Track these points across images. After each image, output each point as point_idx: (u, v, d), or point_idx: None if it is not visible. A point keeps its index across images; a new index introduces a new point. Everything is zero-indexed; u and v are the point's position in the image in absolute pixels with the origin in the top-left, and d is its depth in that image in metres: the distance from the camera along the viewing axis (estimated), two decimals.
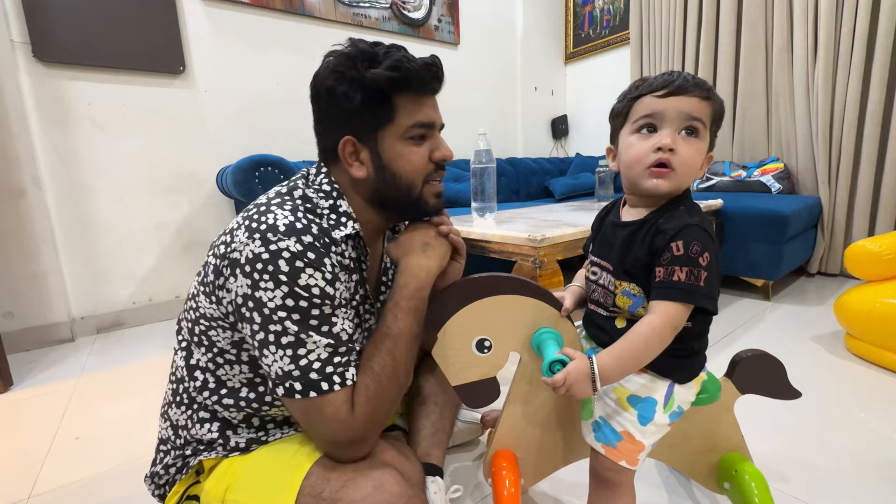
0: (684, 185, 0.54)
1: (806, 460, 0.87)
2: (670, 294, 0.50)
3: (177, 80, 1.92)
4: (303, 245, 0.52)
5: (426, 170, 0.61)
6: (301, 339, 0.51)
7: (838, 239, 2.09)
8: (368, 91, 0.56)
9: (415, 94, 0.58)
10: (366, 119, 0.58)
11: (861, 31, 1.89)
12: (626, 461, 0.58)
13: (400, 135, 0.59)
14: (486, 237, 1.23)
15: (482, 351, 0.63)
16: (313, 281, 0.51)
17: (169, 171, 1.95)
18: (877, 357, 1.23)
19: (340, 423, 0.52)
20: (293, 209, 0.55)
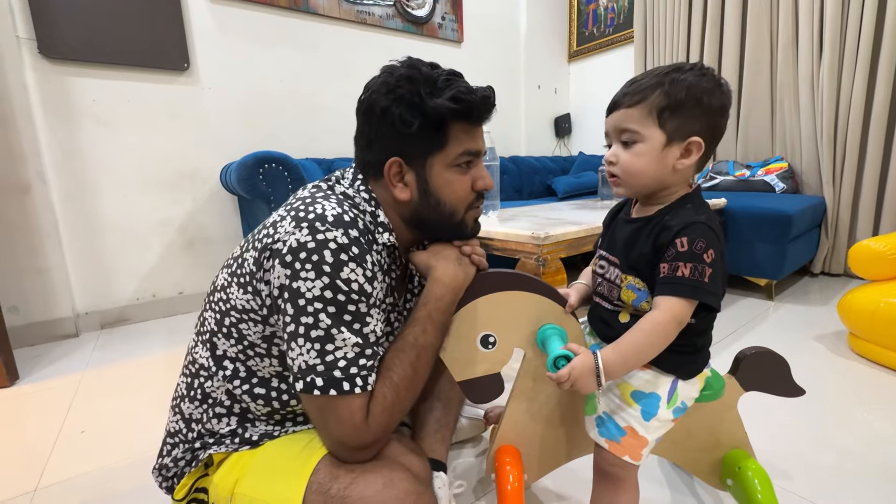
0: (639, 186, 0.57)
1: (809, 458, 0.87)
2: (674, 289, 0.51)
3: (181, 76, 1.93)
4: (349, 238, 0.52)
5: (469, 198, 0.63)
6: (331, 334, 0.50)
7: (842, 239, 2.09)
8: (428, 119, 0.56)
9: (468, 123, 0.59)
10: (418, 144, 0.59)
11: (867, 30, 1.88)
12: (629, 456, 0.59)
13: (449, 162, 0.60)
14: (489, 235, 1.23)
15: (487, 347, 0.64)
16: (354, 276, 0.52)
17: (173, 168, 1.96)
18: (880, 357, 1.23)
19: (353, 429, 0.51)
20: (339, 202, 0.56)
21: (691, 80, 0.53)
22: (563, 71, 3.48)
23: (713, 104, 0.53)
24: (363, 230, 0.55)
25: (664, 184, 0.57)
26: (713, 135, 0.55)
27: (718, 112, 0.54)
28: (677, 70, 0.55)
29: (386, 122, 0.57)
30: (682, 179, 0.57)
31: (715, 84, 0.54)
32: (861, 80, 1.93)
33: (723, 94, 0.54)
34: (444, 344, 0.63)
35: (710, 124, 0.54)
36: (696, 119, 0.54)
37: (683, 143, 0.54)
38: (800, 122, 2.17)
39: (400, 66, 0.59)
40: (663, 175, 0.56)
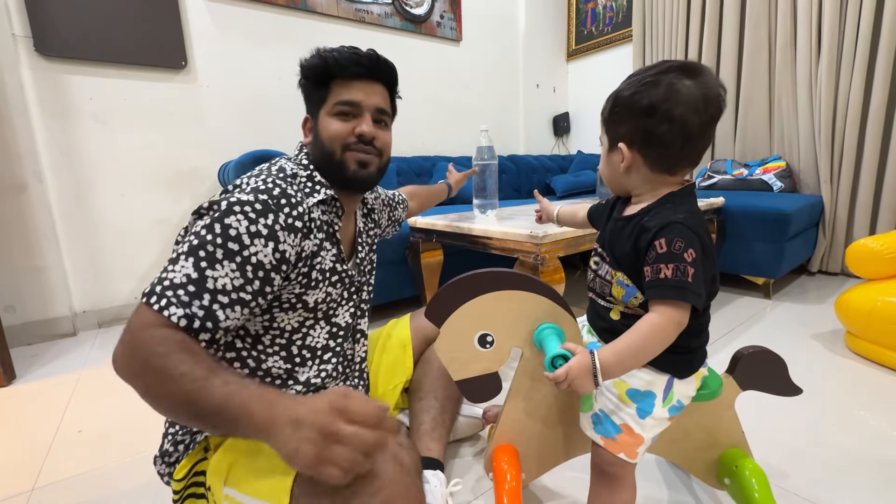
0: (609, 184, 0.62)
1: (806, 456, 0.87)
2: (661, 292, 0.51)
3: (178, 75, 1.92)
4: (254, 196, 0.58)
5: (346, 139, 0.70)
6: (179, 259, 0.54)
7: (839, 238, 2.09)
8: (306, 77, 0.71)
9: (344, 79, 0.69)
10: (311, 101, 0.72)
11: (865, 29, 1.88)
12: (625, 454, 0.59)
13: (328, 111, 0.70)
14: (487, 234, 1.23)
15: (484, 346, 0.63)
16: (237, 224, 0.56)
17: (170, 167, 1.95)
18: (877, 355, 1.23)
19: (127, 334, 0.51)
20: (266, 178, 0.63)
21: (629, 82, 0.55)
22: (562, 70, 3.48)
23: (638, 104, 0.53)
24: (280, 195, 0.61)
25: (622, 185, 0.60)
26: (643, 136, 0.54)
27: (644, 112, 0.52)
28: (632, 75, 0.56)
29: (300, 88, 0.73)
30: (642, 181, 0.57)
31: (644, 84, 0.52)
32: (858, 80, 1.93)
33: (651, 93, 0.52)
34: (442, 343, 0.63)
35: (637, 126, 0.54)
36: (624, 122, 0.55)
37: (618, 148, 0.56)
38: (798, 121, 2.17)
39: None
40: (617, 178, 0.59)
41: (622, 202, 0.63)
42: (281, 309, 0.65)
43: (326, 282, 0.68)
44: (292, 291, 0.64)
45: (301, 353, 0.69)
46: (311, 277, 0.65)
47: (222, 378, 0.48)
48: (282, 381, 0.67)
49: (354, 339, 0.79)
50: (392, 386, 0.89)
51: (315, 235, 0.65)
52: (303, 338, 0.69)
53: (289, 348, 0.68)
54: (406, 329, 0.95)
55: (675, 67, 0.52)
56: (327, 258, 0.68)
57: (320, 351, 0.71)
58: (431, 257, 1.62)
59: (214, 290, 0.54)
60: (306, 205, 0.64)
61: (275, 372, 0.66)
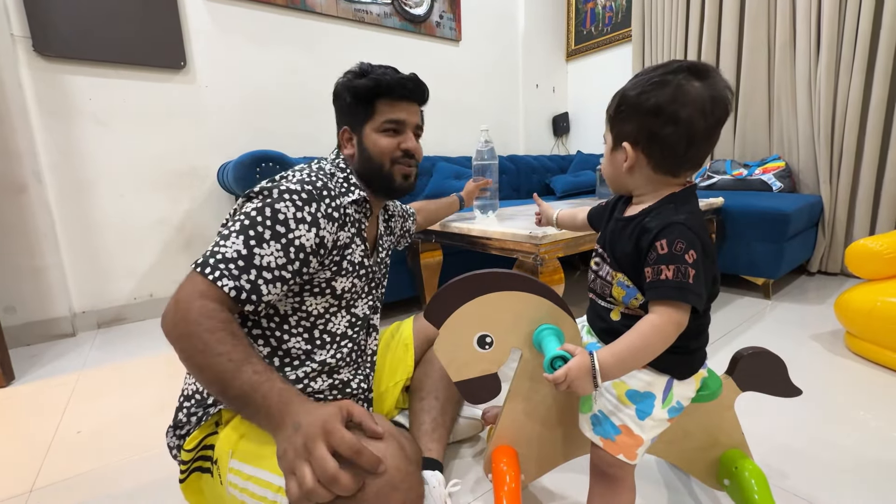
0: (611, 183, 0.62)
1: (806, 457, 0.87)
2: (662, 293, 0.51)
3: (178, 75, 1.92)
4: (300, 187, 0.64)
5: (393, 153, 0.78)
6: (229, 236, 0.60)
7: (839, 238, 2.09)
8: (356, 96, 0.76)
9: (391, 99, 0.77)
10: (355, 116, 0.78)
11: (864, 29, 1.88)
12: (624, 455, 0.59)
13: (376, 128, 0.77)
14: (487, 234, 1.23)
15: (484, 347, 0.63)
16: (285, 209, 0.62)
17: (170, 167, 1.95)
18: (877, 356, 1.23)
19: (178, 301, 0.56)
20: (310, 172, 0.70)
21: (631, 83, 0.55)
22: (562, 70, 3.48)
23: (644, 104, 0.52)
24: (320, 187, 0.67)
25: (625, 185, 0.60)
26: (648, 136, 0.53)
27: (650, 113, 0.52)
28: (639, 74, 0.55)
29: (337, 103, 0.80)
30: (644, 182, 0.57)
31: (652, 84, 0.52)
32: (858, 79, 1.93)
33: (659, 94, 0.51)
34: (441, 344, 0.63)
35: (642, 127, 0.53)
36: (630, 122, 0.55)
37: (621, 147, 0.56)
38: (797, 121, 2.17)
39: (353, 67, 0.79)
40: (619, 177, 0.59)
41: (623, 202, 0.63)
42: (311, 293, 0.70)
43: (354, 273, 0.74)
44: (324, 277, 0.70)
45: (322, 337, 0.73)
46: (341, 266, 0.71)
47: (254, 367, 0.53)
48: (300, 362, 0.71)
49: (368, 332, 0.83)
50: (393, 383, 0.90)
51: (348, 228, 0.72)
52: (325, 323, 0.73)
53: (311, 331, 0.72)
54: (409, 329, 0.96)
55: (685, 68, 0.52)
56: (357, 252, 0.74)
57: (339, 337, 0.75)
58: (431, 257, 1.62)
59: (260, 267, 0.59)
60: (342, 200, 0.70)
61: (294, 352, 0.70)
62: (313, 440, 0.46)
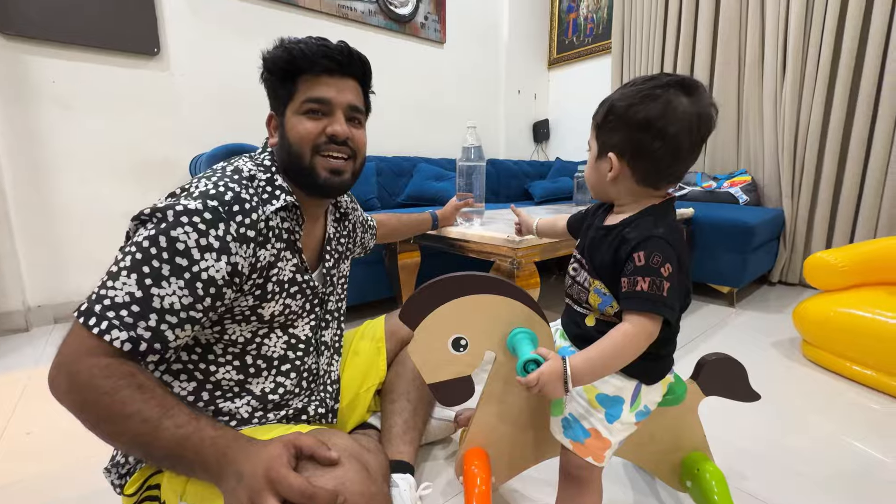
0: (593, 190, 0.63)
1: (765, 461, 0.91)
2: (637, 304, 0.52)
3: (151, 61, 1.85)
4: (203, 204, 0.53)
5: (315, 140, 0.65)
6: (119, 274, 0.50)
7: (798, 250, 2.20)
8: (270, 72, 0.65)
9: (312, 74, 0.64)
10: (277, 97, 0.66)
11: (826, 51, 1.99)
12: (592, 458, 0.60)
13: (296, 109, 0.65)
14: (465, 237, 1.23)
15: (458, 349, 0.63)
16: (185, 237, 0.52)
17: (139, 157, 1.87)
18: (831, 363, 1.30)
19: (64, 358, 0.48)
20: (217, 180, 0.58)
21: (621, 93, 0.55)
22: (543, 77, 3.53)
23: (633, 117, 0.53)
24: (232, 201, 0.56)
25: (607, 194, 0.61)
26: (635, 149, 0.54)
27: (639, 125, 0.53)
28: (628, 84, 0.56)
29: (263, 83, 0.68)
30: (626, 192, 0.58)
31: (643, 97, 0.52)
32: (820, 99, 2.04)
33: (650, 107, 0.52)
34: (416, 346, 0.62)
35: (629, 138, 0.54)
36: (617, 133, 0.56)
37: (607, 157, 0.57)
38: (763, 137, 2.27)
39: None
40: (602, 186, 0.60)
41: (603, 210, 0.64)
42: (234, 321, 0.62)
43: (284, 293, 0.65)
44: (246, 304, 0.61)
45: (256, 364, 0.65)
46: (266, 290, 0.62)
47: (175, 420, 0.47)
48: (233, 394, 0.64)
49: (319, 352, 0.75)
50: (365, 388, 0.88)
51: (273, 245, 0.61)
52: (257, 347, 0.65)
53: (242, 358, 0.64)
54: (380, 330, 0.93)
55: (675, 83, 0.52)
56: (286, 268, 0.64)
57: (277, 362, 0.67)
58: (409, 258, 1.61)
59: (162, 310, 0.50)
60: (262, 212, 0.59)
61: (225, 384, 0.63)
62: (259, 494, 0.42)
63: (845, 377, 1.27)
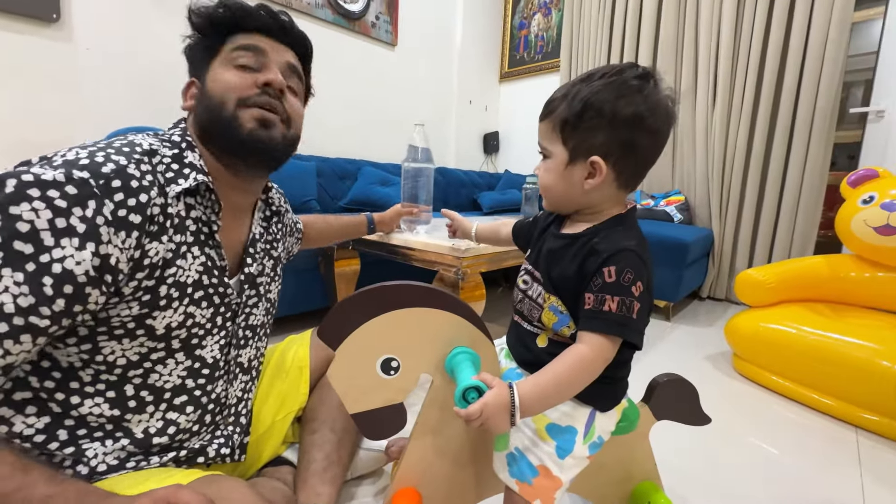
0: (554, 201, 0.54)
1: (705, 482, 0.89)
2: (601, 326, 0.45)
3: (48, 29, 1.58)
4: (66, 174, 0.41)
5: (242, 90, 0.56)
6: None
7: (725, 267, 2.34)
8: (196, 27, 0.57)
9: (246, 32, 0.58)
10: (198, 57, 0.59)
11: (750, 84, 2.15)
12: (541, 500, 0.52)
13: (221, 62, 0.57)
14: (408, 244, 1.14)
15: (388, 373, 0.53)
16: (31, 217, 0.39)
17: (28, 138, 1.58)
18: (759, 377, 1.35)
19: None
20: (97, 150, 0.46)
21: (596, 86, 0.47)
22: (494, 90, 3.56)
23: (620, 113, 0.46)
24: (113, 174, 0.44)
25: (579, 204, 0.52)
26: (625, 149, 0.48)
27: (628, 122, 0.46)
28: (589, 77, 0.49)
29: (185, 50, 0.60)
30: (603, 199, 0.51)
31: (626, 89, 0.46)
32: (744, 129, 2.20)
33: (637, 101, 0.46)
34: (336, 370, 0.52)
35: (616, 137, 0.47)
36: (599, 132, 0.47)
37: (586, 161, 0.49)
38: (695, 161, 2.41)
39: None
40: (573, 194, 0.51)
41: (557, 218, 0.57)
42: (111, 336, 0.48)
43: (186, 299, 0.52)
44: (129, 313, 0.48)
45: (138, 395, 0.51)
46: (157, 294, 0.49)
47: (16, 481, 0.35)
48: (104, 434, 0.49)
49: (231, 377, 0.62)
50: (282, 416, 0.75)
51: (171, 237, 0.50)
52: (144, 375, 0.51)
53: (120, 388, 0.50)
54: (305, 348, 0.81)
55: (644, 74, 0.47)
56: (191, 269, 0.52)
57: (169, 394, 0.54)
58: (347, 266, 1.49)
59: None
60: (156, 193, 0.48)
61: (92, 420, 0.49)
62: None
63: (771, 390, 1.31)
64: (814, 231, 2.11)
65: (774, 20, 2.06)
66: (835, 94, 1.97)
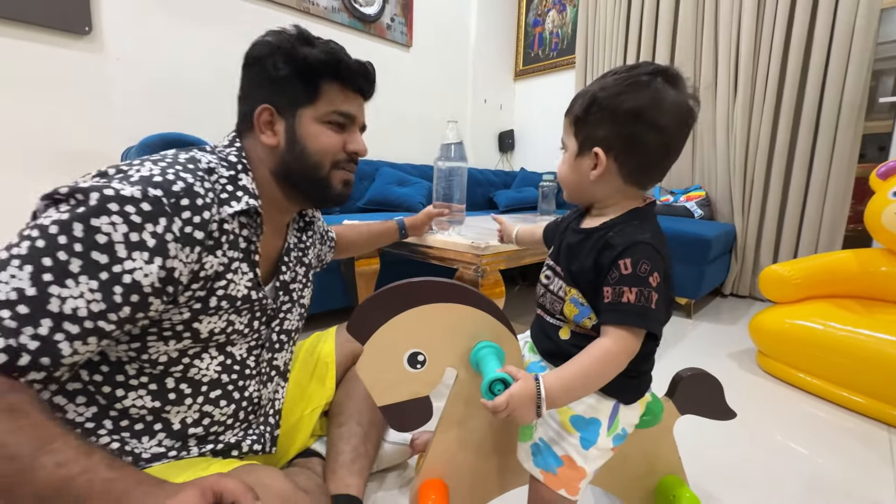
0: (568, 193, 0.57)
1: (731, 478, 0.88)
2: (622, 318, 0.46)
3: (80, 41, 1.65)
4: (143, 192, 0.44)
5: (336, 155, 0.62)
6: (6, 260, 0.40)
7: (748, 263, 2.29)
8: (298, 67, 0.57)
9: (342, 85, 0.61)
10: (289, 94, 0.59)
11: (773, 75, 2.10)
12: (566, 490, 0.53)
13: (318, 117, 0.60)
14: (427, 243, 1.15)
15: (415, 366, 0.55)
16: (110, 230, 0.42)
17: (61, 147, 1.66)
18: (785, 374, 1.32)
19: None
20: (167, 166, 0.49)
21: (606, 83, 0.50)
22: (509, 88, 3.55)
23: (621, 108, 0.48)
24: (182, 193, 0.47)
25: (590, 195, 0.55)
26: (625, 142, 0.49)
27: (629, 116, 0.48)
28: (604, 75, 0.52)
29: (260, 69, 0.58)
30: (611, 192, 0.53)
31: (633, 85, 0.48)
32: (767, 121, 2.14)
33: (640, 96, 0.48)
34: (365, 363, 0.53)
35: (618, 132, 0.49)
36: (602, 126, 0.50)
37: (591, 152, 0.51)
38: (716, 155, 2.37)
39: (286, 27, 0.60)
40: (583, 185, 0.54)
41: (579, 214, 0.59)
42: (160, 337, 0.51)
43: (232, 309, 0.55)
44: (179, 318, 0.51)
45: (178, 388, 0.54)
46: (207, 304, 0.53)
47: (56, 456, 0.36)
48: (145, 425, 0.53)
49: (266, 379, 0.65)
50: (309, 410, 0.78)
51: (225, 252, 0.53)
52: (184, 370, 0.55)
53: (162, 381, 0.53)
54: (330, 344, 0.84)
55: (659, 71, 0.49)
56: (241, 283, 0.56)
57: (206, 387, 0.57)
58: (367, 265, 1.51)
59: (60, 315, 0.40)
60: (217, 212, 0.51)
61: (135, 413, 0.52)
62: None
63: (798, 387, 1.29)
64: (842, 225, 2.05)
65: (798, 6, 2.01)
66: (863, 83, 1.91)
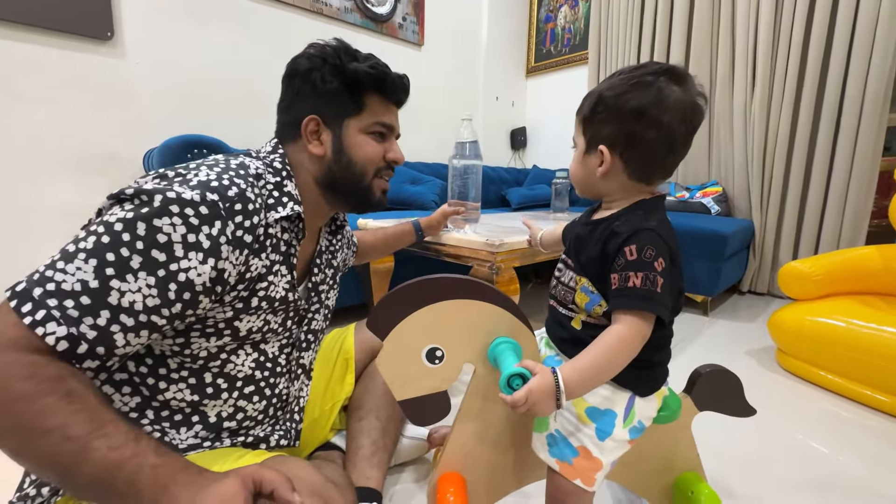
0: (578, 188, 0.59)
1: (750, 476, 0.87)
2: (630, 302, 0.48)
3: (103, 46, 1.70)
4: (202, 195, 0.47)
5: (378, 163, 0.67)
6: (76, 256, 0.42)
7: (767, 260, 2.25)
8: (346, 81, 0.61)
9: (384, 97, 0.65)
10: (336, 106, 0.63)
11: (792, 70, 2.06)
12: (581, 480, 0.54)
13: (362, 128, 0.64)
14: (441, 240, 1.16)
15: (433, 362, 0.56)
16: (171, 230, 0.45)
17: (86, 150, 1.71)
18: (805, 372, 1.30)
19: None
20: (222, 172, 0.51)
21: (613, 82, 0.52)
22: (521, 85, 3.54)
23: (624, 107, 0.50)
24: (236, 198, 0.50)
25: (598, 189, 0.57)
26: (628, 140, 0.51)
27: (631, 114, 0.50)
28: (612, 75, 0.54)
29: (307, 82, 0.62)
30: (618, 188, 0.55)
31: (637, 84, 0.50)
32: (787, 115, 2.10)
33: (642, 95, 0.49)
34: (385, 358, 0.55)
35: (620, 130, 0.51)
36: (607, 124, 0.53)
37: (597, 150, 0.53)
38: (733, 150, 2.33)
39: (328, 41, 0.64)
40: (591, 181, 0.56)
41: (591, 209, 0.61)
42: (202, 334, 0.54)
43: (269, 309, 0.58)
44: (223, 316, 0.54)
45: (215, 383, 0.57)
46: (249, 303, 0.55)
47: (109, 440, 0.38)
48: (183, 417, 0.55)
49: (293, 377, 0.68)
50: (330, 405, 0.80)
51: (268, 255, 0.56)
52: (221, 365, 0.57)
53: (200, 375, 0.56)
54: (350, 341, 0.86)
55: (664, 71, 0.50)
56: (280, 285, 0.59)
57: (241, 382, 0.59)
58: (381, 263, 1.53)
59: (118, 308, 0.43)
60: (264, 217, 0.54)
61: (175, 404, 0.54)
62: None
63: (819, 385, 1.26)
64: (865, 220, 2.00)
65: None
66: (888, 74, 1.85)
